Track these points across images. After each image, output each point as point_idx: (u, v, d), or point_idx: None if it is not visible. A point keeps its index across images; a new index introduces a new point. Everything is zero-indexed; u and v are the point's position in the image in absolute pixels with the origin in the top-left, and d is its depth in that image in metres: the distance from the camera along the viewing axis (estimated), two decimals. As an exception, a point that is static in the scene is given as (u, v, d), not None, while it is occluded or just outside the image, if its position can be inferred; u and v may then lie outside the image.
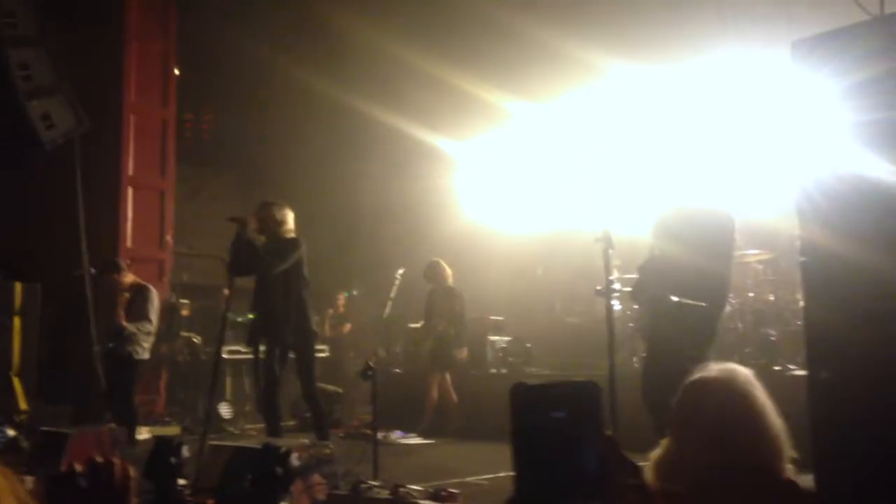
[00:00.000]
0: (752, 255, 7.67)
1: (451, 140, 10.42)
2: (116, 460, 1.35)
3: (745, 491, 1.76)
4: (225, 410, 9.17)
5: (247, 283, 6.55)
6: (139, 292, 7.31)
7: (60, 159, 8.52)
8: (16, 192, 9.53)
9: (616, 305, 7.94)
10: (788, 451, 1.87)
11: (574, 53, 8.16)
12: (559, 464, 0.74)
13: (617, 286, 4.76)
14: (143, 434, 7.33)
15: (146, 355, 7.28)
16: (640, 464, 1.97)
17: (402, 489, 4.34)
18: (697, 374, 1.95)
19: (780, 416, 1.90)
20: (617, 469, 0.84)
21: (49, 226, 9.31)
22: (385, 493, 4.33)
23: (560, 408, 0.75)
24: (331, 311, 10.79)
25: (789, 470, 1.87)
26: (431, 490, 4.37)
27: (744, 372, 1.94)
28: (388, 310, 8.14)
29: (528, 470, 0.75)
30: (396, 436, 7.92)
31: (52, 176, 9.11)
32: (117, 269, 7.43)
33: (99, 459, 1.34)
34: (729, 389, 1.87)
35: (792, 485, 1.87)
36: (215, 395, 8.15)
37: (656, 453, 1.92)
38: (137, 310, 7.17)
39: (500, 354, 8.94)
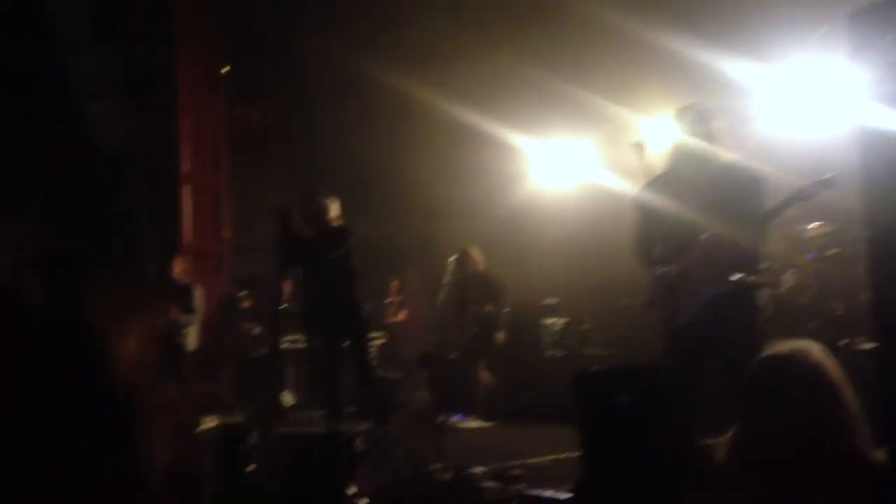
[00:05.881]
0: (814, 227, 7.45)
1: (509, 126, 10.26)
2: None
3: (824, 468, 1.73)
4: (287, 398, 9.36)
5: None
6: (185, 287, 8.15)
7: (117, 160, 8.75)
8: (76, 194, 9.82)
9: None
10: (865, 427, 1.83)
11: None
12: (625, 448, 0.76)
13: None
14: (210, 423, 7.55)
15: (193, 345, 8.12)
16: (711, 441, 1.96)
17: (465, 471, 4.37)
18: (769, 351, 1.91)
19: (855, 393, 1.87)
20: (682, 452, 0.85)
21: (110, 226, 9.58)
22: (448, 476, 4.37)
23: (623, 393, 0.78)
24: (389, 299, 10.86)
25: (866, 446, 1.83)
26: (494, 472, 4.39)
27: (818, 348, 1.90)
28: (441, 296, 8.20)
29: (595, 455, 0.78)
30: (455, 419, 7.97)
31: (111, 177, 9.36)
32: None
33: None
34: (807, 367, 1.83)
35: (869, 461, 1.83)
36: (277, 384, 8.36)
37: (729, 432, 1.90)
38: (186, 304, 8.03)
39: (557, 336, 8.88)
